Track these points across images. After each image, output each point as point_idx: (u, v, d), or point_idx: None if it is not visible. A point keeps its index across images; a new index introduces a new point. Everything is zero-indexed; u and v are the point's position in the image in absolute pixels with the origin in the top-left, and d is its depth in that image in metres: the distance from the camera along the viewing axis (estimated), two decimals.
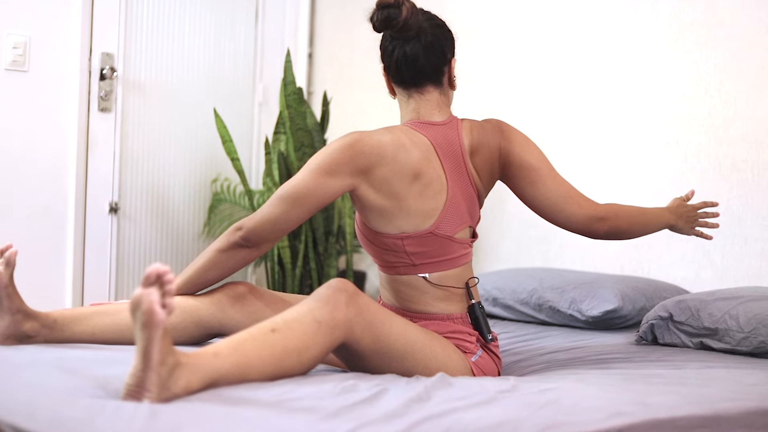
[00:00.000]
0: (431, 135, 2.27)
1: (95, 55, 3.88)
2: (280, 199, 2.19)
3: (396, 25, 2.23)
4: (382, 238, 2.25)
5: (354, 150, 2.18)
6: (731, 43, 3.22)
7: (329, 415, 1.56)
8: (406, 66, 2.28)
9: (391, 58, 2.30)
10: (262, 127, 4.57)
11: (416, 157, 2.22)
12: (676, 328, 2.71)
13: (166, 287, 1.60)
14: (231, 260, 2.23)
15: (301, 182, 2.19)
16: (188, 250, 4.30)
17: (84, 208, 3.87)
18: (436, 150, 2.26)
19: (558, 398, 1.77)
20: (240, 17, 4.50)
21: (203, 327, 2.28)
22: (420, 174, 2.22)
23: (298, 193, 2.18)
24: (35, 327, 2.17)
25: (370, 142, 2.20)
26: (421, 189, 2.22)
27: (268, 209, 2.19)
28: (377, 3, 2.26)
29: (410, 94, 2.32)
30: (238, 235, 2.20)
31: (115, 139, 3.96)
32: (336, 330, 1.92)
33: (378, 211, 2.22)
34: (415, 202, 2.21)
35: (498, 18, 3.96)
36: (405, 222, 2.22)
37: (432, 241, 2.23)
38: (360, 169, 2.19)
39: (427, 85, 2.31)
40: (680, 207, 2.55)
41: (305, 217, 2.21)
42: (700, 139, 3.29)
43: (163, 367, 1.60)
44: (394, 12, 2.23)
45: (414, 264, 2.25)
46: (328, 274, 4.01)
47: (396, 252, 2.25)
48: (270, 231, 2.20)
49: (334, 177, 2.18)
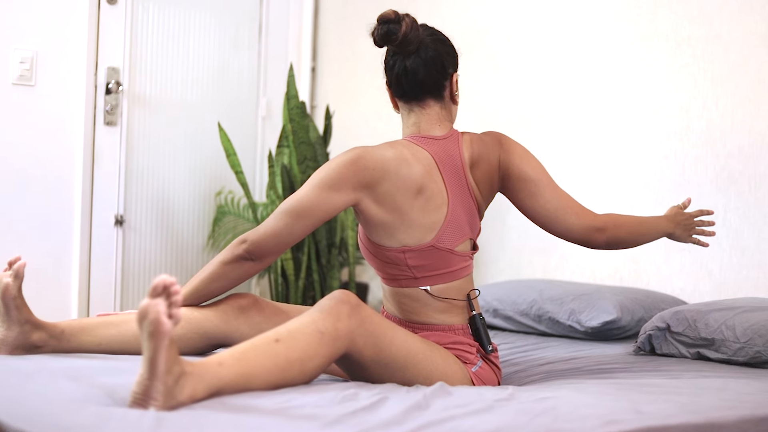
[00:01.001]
0: (432, 149, 2.30)
1: (101, 69, 3.92)
2: (284, 213, 2.21)
3: (396, 39, 2.27)
4: (384, 252, 2.28)
5: (357, 165, 2.21)
6: (728, 57, 3.25)
7: (330, 423, 1.59)
8: (407, 80, 2.31)
9: (393, 72, 2.33)
10: (265, 140, 4.60)
11: (419, 172, 2.25)
12: (673, 338, 2.73)
13: (172, 298, 1.63)
14: (235, 273, 2.25)
15: (304, 196, 2.21)
16: (193, 262, 4.34)
17: (90, 221, 3.91)
18: (437, 164, 2.29)
19: (555, 406, 1.80)
20: (243, 32, 4.55)
21: (208, 338, 2.30)
22: (422, 188, 2.24)
23: (302, 208, 2.20)
24: (43, 337, 2.19)
25: (374, 157, 2.23)
26: (423, 203, 2.25)
27: (272, 223, 2.22)
28: (378, 18, 2.30)
29: (411, 108, 2.35)
30: (243, 248, 2.22)
31: (120, 153, 4.01)
32: (338, 340, 1.94)
33: (380, 224, 2.25)
34: (417, 216, 2.24)
35: (499, 32, 3.99)
36: (407, 236, 2.25)
37: (433, 255, 2.26)
38: (363, 184, 2.21)
39: (427, 99, 2.34)
40: (677, 215, 2.58)
41: (309, 230, 2.24)
42: (698, 152, 3.33)
43: (169, 376, 1.63)
44: (394, 27, 2.27)
45: (415, 277, 2.28)
46: (331, 286, 4.03)
47: (398, 265, 2.28)
48: (274, 244, 2.22)
49: (338, 192, 2.20)
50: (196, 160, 4.33)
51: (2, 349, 2.16)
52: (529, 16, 3.89)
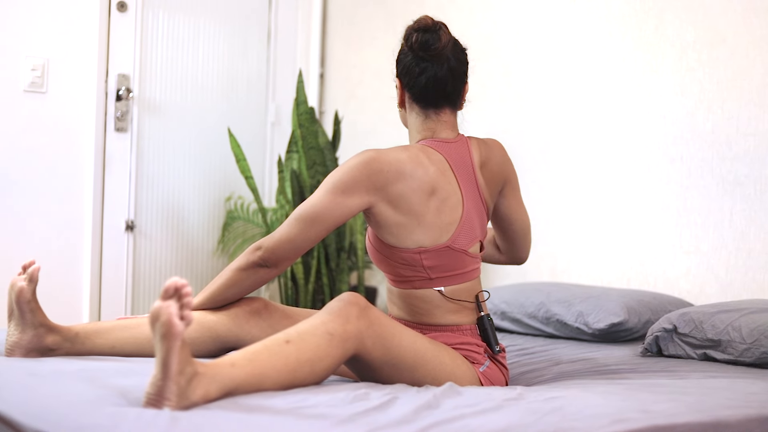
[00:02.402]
0: (446, 152, 2.32)
1: (111, 76, 3.96)
2: (297, 220, 2.22)
3: (435, 50, 2.28)
4: (398, 253, 2.28)
5: (370, 168, 2.21)
6: (733, 61, 3.27)
7: (342, 422, 1.60)
8: (435, 89, 2.32)
9: (418, 78, 2.31)
10: (274, 146, 4.63)
11: (433, 173, 2.26)
12: (680, 339, 2.75)
13: (184, 300, 1.65)
14: (250, 279, 2.27)
15: (318, 202, 2.21)
16: (203, 267, 4.36)
17: (101, 226, 3.94)
18: (451, 166, 2.31)
19: (563, 405, 1.81)
20: (253, 39, 4.58)
21: (220, 341, 2.31)
22: (436, 189, 2.26)
23: (316, 213, 2.21)
24: (57, 340, 2.21)
25: (387, 159, 2.23)
26: (438, 204, 2.26)
27: (287, 229, 2.22)
28: (416, 25, 2.30)
29: (427, 114, 2.36)
30: (258, 255, 2.23)
31: (131, 159, 4.04)
32: (348, 342, 1.96)
33: (395, 226, 2.25)
34: (432, 217, 2.25)
35: (506, 38, 4.01)
36: (423, 236, 2.25)
37: (448, 255, 2.28)
38: (377, 187, 2.22)
39: (445, 107, 2.36)
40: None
41: (323, 235, 2.24)
42: (704, 155, 3.34)
43: (181, 376, 1.64)
44: (433, 37, 2.28)
45: (430, 278, 2.29)
46: (340, 290, 4.05)
47: (413, 266, 2.28)
48: (289, 250, 2.23)
49: (351, 195, 2.20)
50: (206, 166, 4.35)
51: (17, 351, 2.17)
52: (536, 22, 3.91)
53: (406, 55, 2.34)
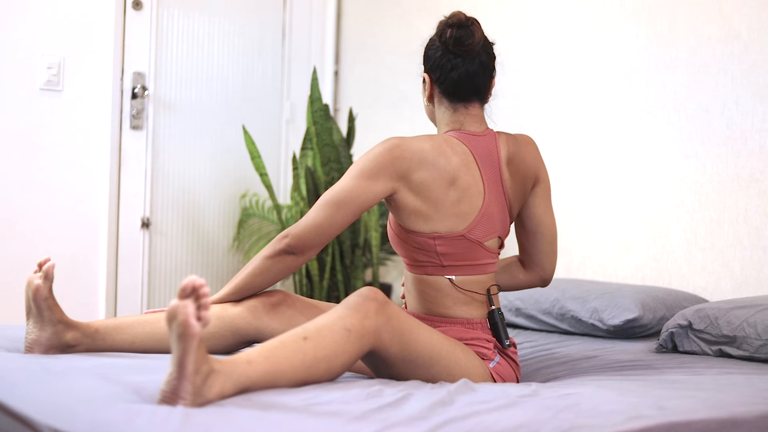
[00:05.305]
0: (472, 144, 2.33)
1: (127, 74, 3.97)
2: (324, 205, 2.24)
3: (468, 46, 2.30)
4: (415, 237, 2.29)
5: (394, 154, 2.23)
6: (747, 56, 3.26)
7: (355, 418, 1.61)
8: (467, 84, 2.33)
9: (450, 73, 2.33)
10: (289, 143, 4.64)
11: (455, 164, 2.27)
12: (695, 336, 2.75)
13: (201, 300, 1.64)
14: (277, 267, 2.27)
15: (344, 187, 2.23)
16: (218, 264, 4.38)
17: (117, 224, 3.96)
18: (475, 159, 2.31)
19: (578, 402, 1.82)
20: (267, 37, 4.59)
21: (240, 335, 2.32)
22: (457, 179, 2.27)
23: (342, 198, 2.23)
24: (77, 337, 2.22)
25: (411, 147, 2.25)
26: (459, 195, 2.27)
27: (313, 215, 2.24)
28: (449, 21, 2.33)
29: (456, 108, 2.37)
30: (285, 243, 2.24)
31: (146, 156, 4.05)
32: (365, 338, 1.96)
33: (415, 212, 2.27)
34: (451, 206, 2.27)
35: (519, 34, 4.01)
36: (440, 223, 2.27)
37: (462, 244, 2.28)
38: (400, 173, 2.24)
39: (474, 101, 2.37)
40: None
41: (349, 221, 2.25)
42: (719, 151, 3.33)
43: (197, 375, 1.65)
44: (467, 33, 2.31)
45: (442, 265, 2.30)
46: (355, 287, 4.06)
47: (427, 251, 2.30)
48: (315, 236, 2.24)
49: (376, 181, 2.23)
50: (221, 163, 4.37)
51: (36, 349, 2.19)
52: (548, 18, 3.91)
53: (436, 51, 2.35)
